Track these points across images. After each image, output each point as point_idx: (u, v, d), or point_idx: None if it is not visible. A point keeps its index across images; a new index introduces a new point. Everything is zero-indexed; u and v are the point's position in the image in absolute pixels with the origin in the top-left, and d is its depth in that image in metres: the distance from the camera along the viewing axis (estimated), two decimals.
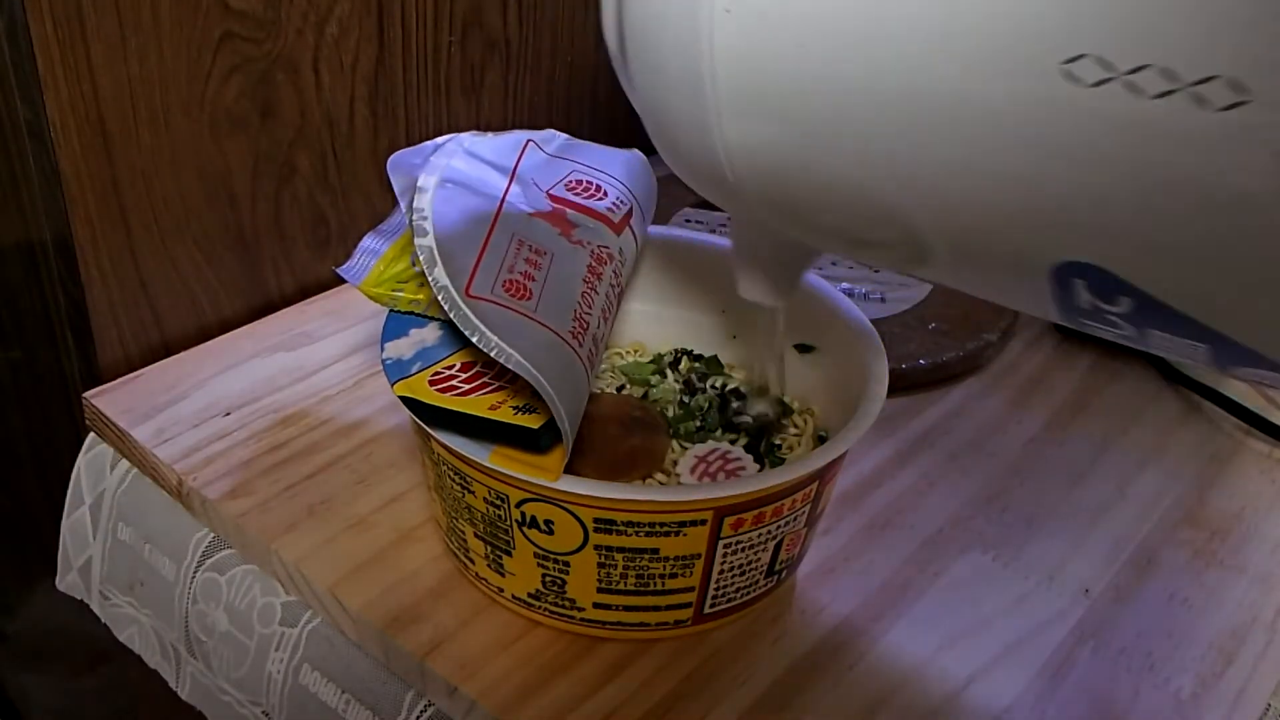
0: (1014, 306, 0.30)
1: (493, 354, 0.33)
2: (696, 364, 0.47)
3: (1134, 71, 0.21)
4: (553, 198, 0.42)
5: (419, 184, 0.38)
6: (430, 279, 0.35)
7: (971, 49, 0.23)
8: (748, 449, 0.42)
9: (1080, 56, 0.22)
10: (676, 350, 0.48)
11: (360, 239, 0.42)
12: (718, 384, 0.45)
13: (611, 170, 0.45)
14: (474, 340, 0.33)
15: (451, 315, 0.34)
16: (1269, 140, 0.20)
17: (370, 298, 0.39)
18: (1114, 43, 0.21)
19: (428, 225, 0.37)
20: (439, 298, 0.34)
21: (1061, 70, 0.22)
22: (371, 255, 0.41)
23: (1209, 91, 0.20)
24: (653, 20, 0.30)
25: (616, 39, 0.32)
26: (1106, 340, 0.29)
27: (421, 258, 0.35)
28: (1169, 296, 0.24)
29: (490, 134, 0.44)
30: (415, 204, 0.38)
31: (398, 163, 0.39)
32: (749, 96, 0.28)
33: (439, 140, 0.42)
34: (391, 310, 0.39)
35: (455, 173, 0.40)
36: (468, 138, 0.43)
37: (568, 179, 0.44)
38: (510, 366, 0.33)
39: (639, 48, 0.31)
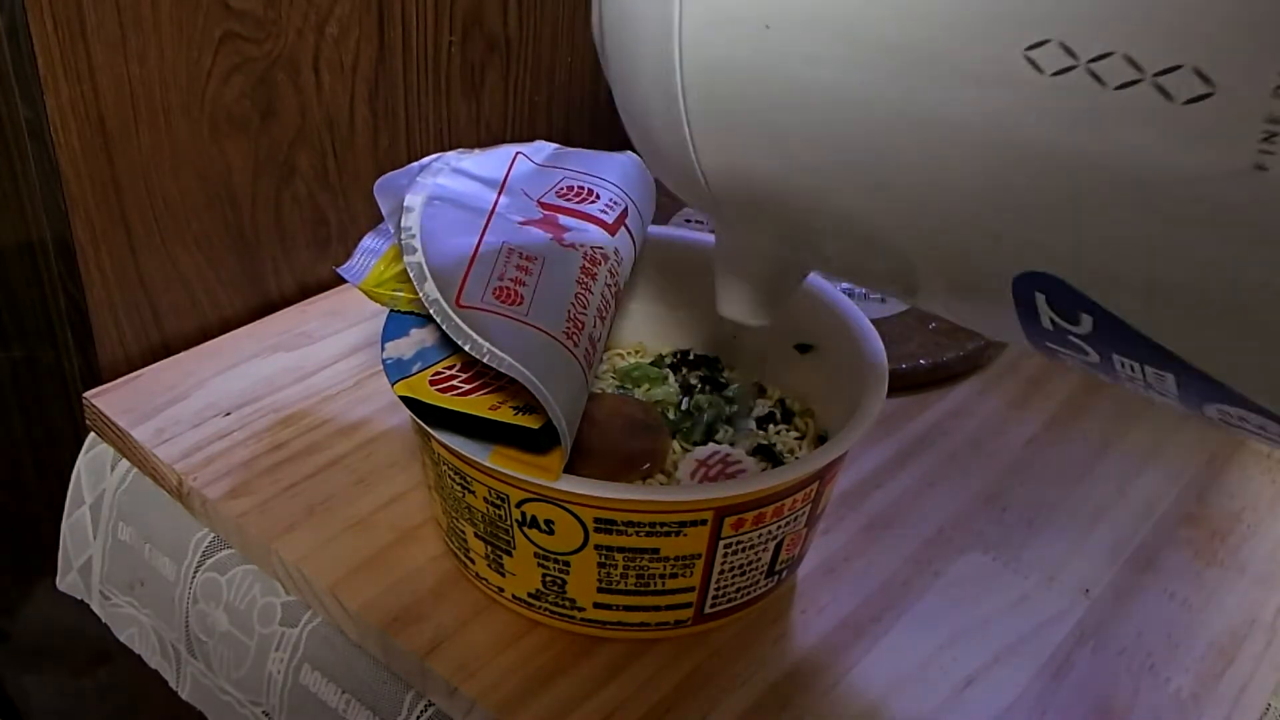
0: (988, 332, 0.28)
1: (485, 359, 0.33)
2: (698, 367, 0.47)
3: (1097, 59, 0.20)
4: (543, 205, 0.42)
5: (405, 203, 0.39)
6: (421, 294, 0.35)
7: (935, 36, 0.22)
8: (750, 452, 0.42)
9: (1044, 42, 0.21)
10: (677, 351, 0.48)
11: (360, 239, 0.42)
12: (719, 382, 0.46)
13: (604, 174, 0.45)
14: (466, 348, 0.33)
15: (444, 326, 0.34)
16: (1233, 136, 0.19)
17: (371, 298, 0.39)
18: (1078, 28, 0.20)
19: (416, 243, 0.37)
20: (431, 311, 0.35)
21: (1025, 57, 0.21)
22: (372, 255, 0.41)
23: (1174, 83, 0.19)
24: (626, 17, 0.29)
25: (599, 31, 0.31)
26: None
27: (411, 274, 0.36)
28: (1127, 313, 0.22)
29: (478, 150, 0.44)
30: (403, 223, 0.38)
31: (384, 185, 0.40)
32: (715, 99, 0.27)
33: (425, 160, 0.42)
34: (392, 310, 0.39)
35: (442, 189, 0.40)
36: (454, 155, 0.43)
37: (558, 186, 0.44)
38: (503, 370, 0.33)
39: (615, 41, 0.30)
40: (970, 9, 0.22)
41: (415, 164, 0.42)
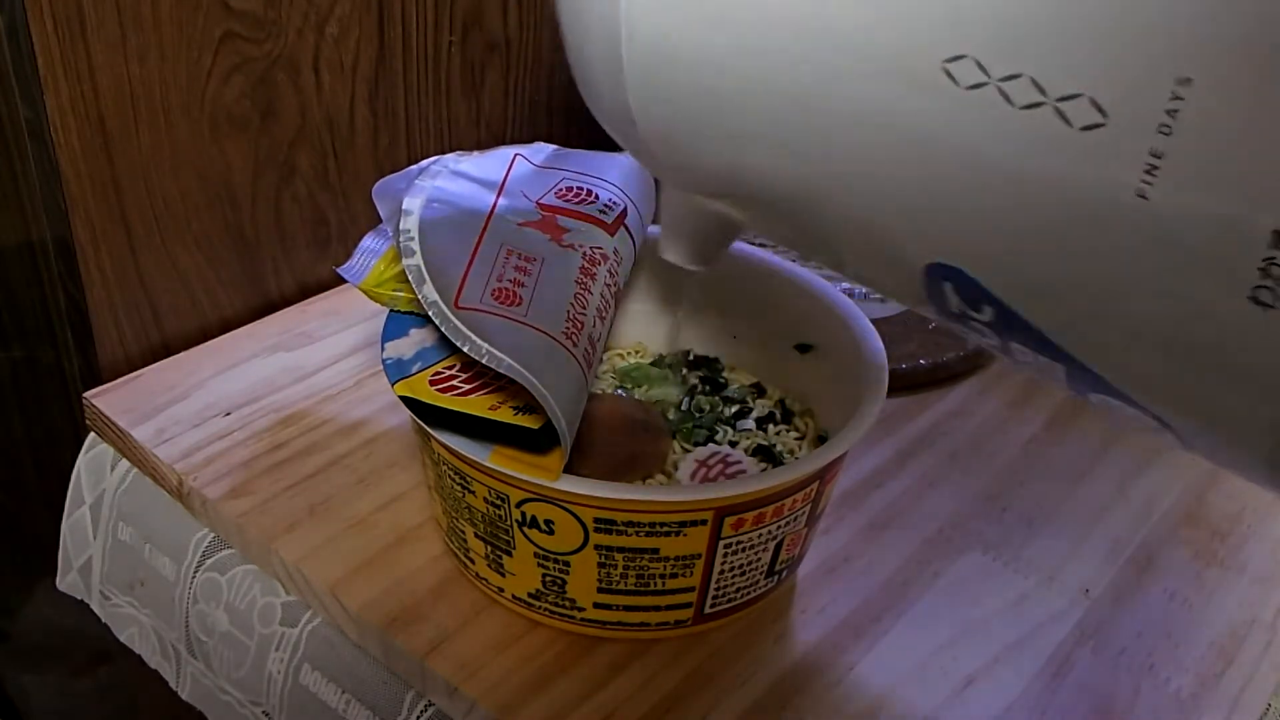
0: (906, 304, 0.30)
1: (484, 360, 0.33)
2: (698, 367, 0.47)
3: (1007, 79, 0.21)
4: (542, 206, 0.42)
5: (404, 207, 0.39)
6: (420, 296, 0.35)
7: (863, 39, 0.24)
8: (750, 453, 0.42)
9: (961, 57, 0.22)
10: (678, 351, 0.48)
11: (360, 239, 0.42)
12: (720, 384, 0.46)
13: (603, 174, 0.45)
14: (465, 349, 0.34)
15: (443, 328, 0.34)
16: (1120, 165, 0.20)
17: (371, 298, 0.39)
18: (992, 47, 0.22)
19: (414, 245, 0.37)
20: (430, 313, 0.35)
21: (943, 68, 0.22)
22: (372, 255, 0.41)
23: (1072, 109, 0.21)
24: None
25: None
26: None
27: (410, 277, 0.36)
28: (1025, 310, 0.24)
29: (476, 152, 0.44)
30: (401, 226, 0.38)
31: (383, 189, 0.40)
32: (655, 73, 0.29)
33: (424, 163, 0.42)
34: (392, 310, 0.39)
35: (441, 192, 0.40)
36: (452, 158, 0.43)
37: (557, 187, 0.44)
38: (502, 371, 0.33)
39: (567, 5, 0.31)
40: (900, 16, 0.23)
41: (413, 167, 0.42)
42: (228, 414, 0.47)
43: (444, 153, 0.44)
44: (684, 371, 0.46)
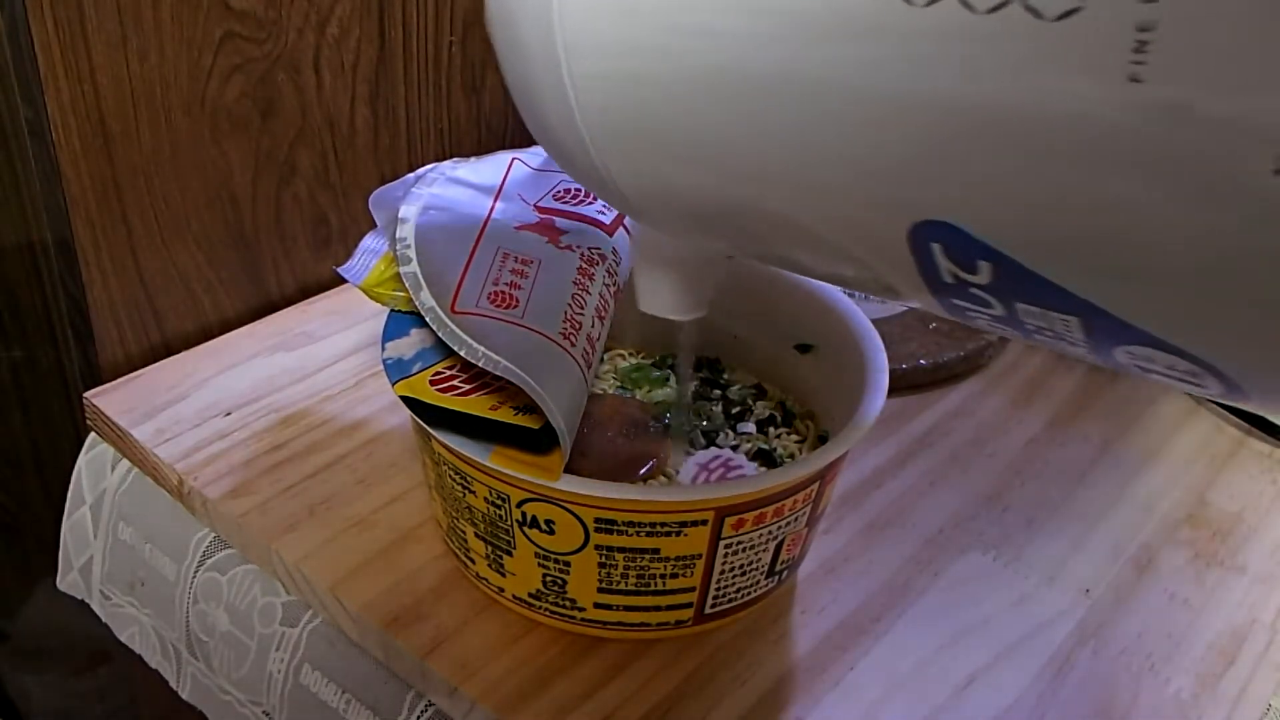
0: (900, 293, 0.27)
1: (480, 363, 0.33)
2: (699, 368, 0.47)
3: None
4: (540, 209, 0.42)
5: (400, 215, 0.39)
6: (417, 302, 0.36)
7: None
8: (751, 456, 0.42)
9: None
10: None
11: (361, 239, 0.42)
12: (720, 386, 0.46)
13: None
14: (461, 353, 0.34)
15: (440, 333, 0.34)
16: (1106, 50, 0.18)
17: (371, 297, 0.39)
18: None
19: (411, 253, 0.37)
20: (427, 319, 0.35)
21: None
22: (372, 255, 0.41)
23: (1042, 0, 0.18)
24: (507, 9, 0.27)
25: (490, 28, 0.29)
26: None
27: (407, 284, 0.36)
28: (1022, 255, 0.21)
29: (473, 158, 0.44)
30: (398, 234, 0.38)
31: (379, 198, 0.40)
32: (597, 52, 0.26)
33: (420, 171, 0.42)
34: (392, 310, 0.39)
35: (437, 199, 0.41)
36: (449, 165, 0.43)
37: (555, 189, 0.44)
38: (498, 372, 0.33)
39: (502, 37, 0.29)
40: None
41: (410, 175, 0.42)
42: (228, 414, 0.47)
43: (444, 153, 0.44)
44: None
